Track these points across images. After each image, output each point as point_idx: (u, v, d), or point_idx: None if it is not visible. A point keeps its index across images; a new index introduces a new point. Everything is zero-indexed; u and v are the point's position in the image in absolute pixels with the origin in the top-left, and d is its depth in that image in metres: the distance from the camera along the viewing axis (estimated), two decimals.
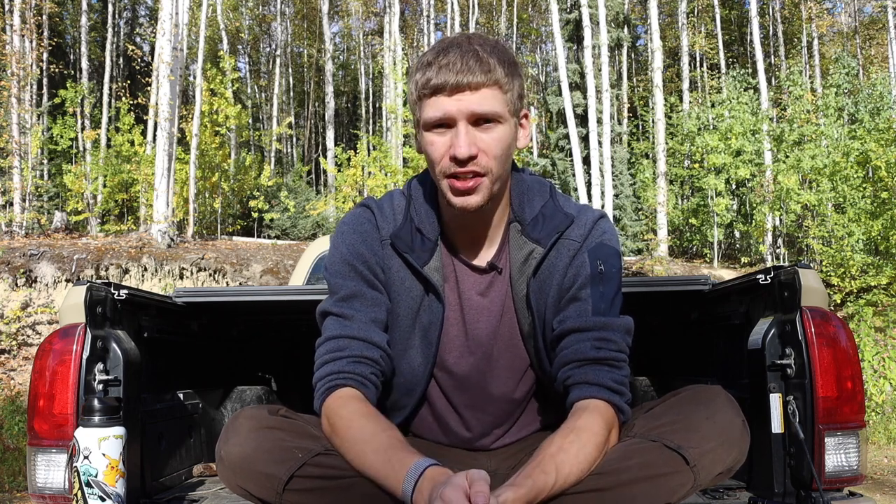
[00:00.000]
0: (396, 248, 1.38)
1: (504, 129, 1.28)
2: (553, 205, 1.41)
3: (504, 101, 1.27)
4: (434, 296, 1.38)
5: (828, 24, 24.47)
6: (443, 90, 1.24)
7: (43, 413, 1.61)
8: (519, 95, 1.31)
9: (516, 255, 1.39)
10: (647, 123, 20.83)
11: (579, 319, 1.31)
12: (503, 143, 1.28)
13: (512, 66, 1.28)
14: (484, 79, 1.24)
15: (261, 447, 1.17)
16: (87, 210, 14.96)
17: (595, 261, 1.35)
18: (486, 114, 1.25)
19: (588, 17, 15.37)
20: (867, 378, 7.78)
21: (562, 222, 1.37)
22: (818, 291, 1.66)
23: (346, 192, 15.63)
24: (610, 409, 1.24)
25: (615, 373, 1.28)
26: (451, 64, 1.24)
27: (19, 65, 14.28)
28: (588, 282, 1.33)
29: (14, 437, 6.16)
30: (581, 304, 1.33)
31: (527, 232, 1.38)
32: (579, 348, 1.30)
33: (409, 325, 1.40)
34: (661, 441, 1.14)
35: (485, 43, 1.28)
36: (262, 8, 27.48)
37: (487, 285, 1.41)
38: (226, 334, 2.48)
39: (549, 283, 1.37)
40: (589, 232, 1.37)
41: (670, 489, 1.14)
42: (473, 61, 1.24)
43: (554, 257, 1.37)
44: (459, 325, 1.42)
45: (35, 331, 8.64)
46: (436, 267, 1.38)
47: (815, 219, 12.96)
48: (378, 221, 1.41)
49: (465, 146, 1.24)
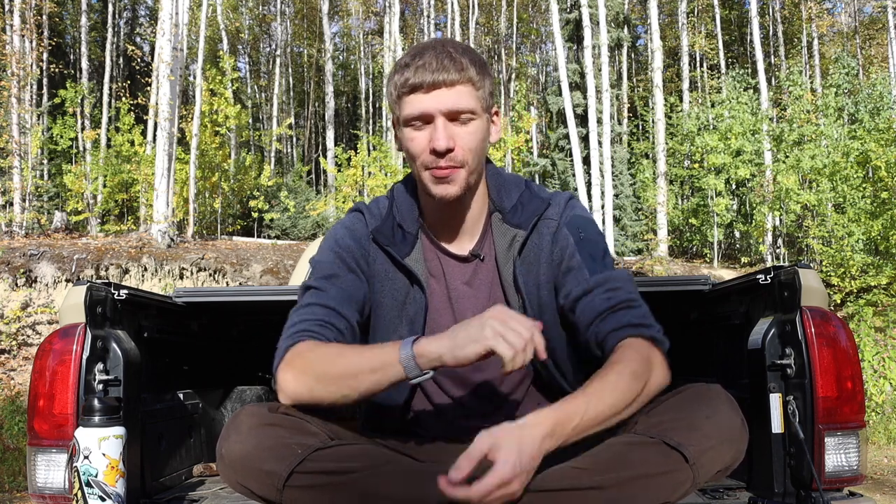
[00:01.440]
0: (378, 241, 1.46)
1: (478, 124, 1.37)
2: (529, 193, 1.51)
3: (477, 98, 1.36)
4: (418, 287, 1.45)
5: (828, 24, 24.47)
6: (420, 88, 1.33)
7: (43, 413, 1.61)
8: (490, 93, 1.40)
9: (500, 241, 1.47)
10: (647, 123, 20.83)
11: (581, 285, 1.39)
12: (478, 136, 1.37)
13: (482, 66, 1.39)
14: (458, 76, 1.33)
15: (261, 444, 1.17)
16: (87, 210, 14.96)
17: (575, 230, 1.45)
18: (461, 109, 1.34)
19: (588, 17, 15.38)
20: (867, 378, 7.78)
21: (539, 206, 1.47)
22: (818, 291, 1.66)
23: (346, 192, 15.64)
24: (642, 341, 1.31)
25: (633, 311, 1.35)
26: (427, 64, 1.33)
27: (19, 65, 14.28)
28: (575, 250, 1.43)
29: (14, 437, 6.16)
30: (577, 272, 1.41)
31: (508, 219, 1.47)
32: (593, 307, 1.37)
33: (395, 317, 1.46)
34: (661, 438, 1.15)
35: (457, 46, 1.39)
36: (262, 8, 27.48)
37: (472, 274, 1.48)
38: (226, 334, 2.48)
39: (536, 263, 1.45)
40: (562, 209, 1.48)
41: (670, 487, 1.14)
42: (448, 61, 1.33)
43: (536, 238, 1.46)
44: (448, 314, 1.47)
45: (35, 331, 8.64)
46: (417, 259, 1.45)
47: (815, 219, 12.96)
48: (367, 220, 1.51)
49: (443, 139, 1.33)
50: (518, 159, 18.93)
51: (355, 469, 1.16)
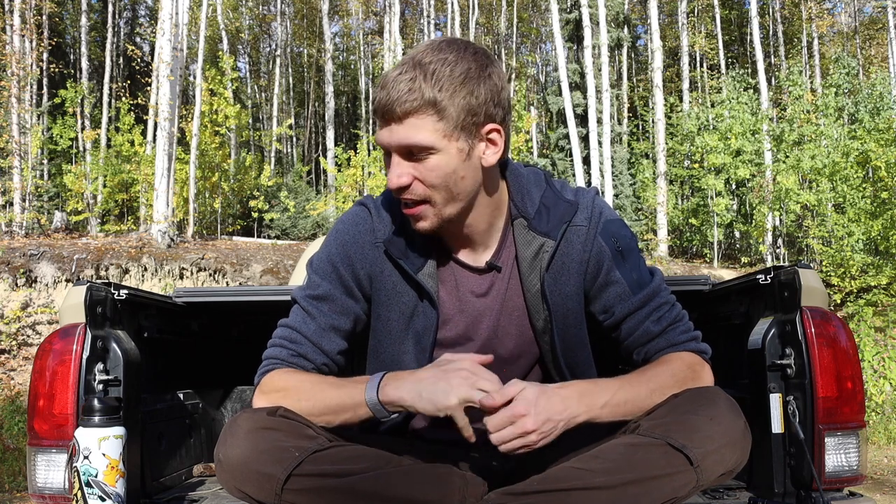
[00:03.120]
0: (390, 254, 1.37)
1: (439, 158, 1.22)
2: (552, 193, 1.39)
3: (437, 129, 1.20)
4: (428, 302, 1.38)
5: (828, 24, 24.47)
6: (379, 116, 1.23)
7: (43, 413, 1.61)
8: (471, 112, 1.21)
9: (525, 250, 1.37)
10: (647, 123, 20.83)
11: (625, 305, 1.37)
12: (439, 171, 1.23)
13: (462, 80, 1.20)
14: (412, 106, 1.19)
15: (258, 448, 1.16)
16: (87, 210, 14.95)
17: (610, 240, 1.37)
18: (412, 146, 1.22)
19: (588, 17, 15.37)
20: (867, 378, 7.78)
21: (566, 211, 1.37)
22: (818, 291, 1.65)
23: (346, 192, 15.63)
24: (686, 353, 1.35)
25: (679, 327, 1.37)
26: (387, 86, 1.21)
27: (19, 65, 14.27)
28: (613, 265, 1.37)
29: (14, 437, 6.16)
30: (617, 288, 1.37)
31: (533, 226, 1.36)
32: (643, 331, 1.36)
33: (401, 330, 1.40)
34: (665, 440, 1.15)
35: (436, 57, 1.20)
36: (262, 8, 27.48)
37: (488, 286, 1.41)
38: (226, 334, 2.48)
39: (565, 273, 1.37)
40: (591, 213, 1.38)
41: (673, 488, 1.14)
42: (404, 85, 1.19)
43: (566, 247, 1.37)
44: (459, 327, 1.42)
45: (35, 331, 8.64)
46: (430, 273, 1.37)
47: (814, 219, 12.96)
48: (374, 223, 1.40)
49: (393, 178, 1.24)
50: (518, 159, 18.93)
51: (354, 471, 1.15)
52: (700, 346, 1.37)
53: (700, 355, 1.36)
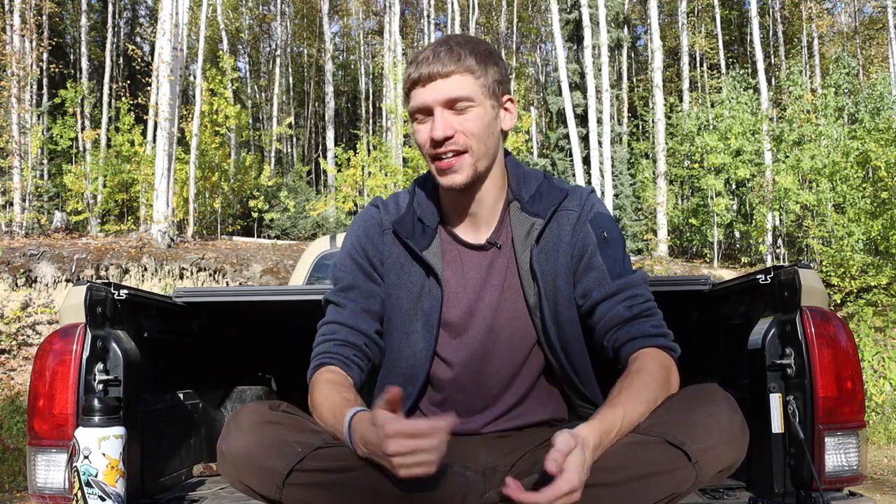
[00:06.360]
0: (398, 234, 1.49)
1: (479, 111, 1.39)
2: (548, 184, 1.53)
3: (476, 86, 1.39)
4: (434, 279, 1.46)
5: (828, 24, 24.46)
6: (419, 82, 1.38)
7: (43, 413, 1.61)
8: (496, 81, 1.42)
9: (518, 230, 1.48)
10: (647, 123, 20.83)
11: (602, 289, 1.42)
12: (479, 122, 1.39)
13: (486, 55, 1.41)
14: (454, 67, 1.37)
15: (262, 441, 1.18)
16: (87, 210, 14.95)
17: (597, 229, 1.47)
18: (457, 97, 1.37)
19: (588, 17, 15.38)
20: (867, 378, 7.78)
21: (557, 196, 1.49)
22: (818, 291, 1.65)
23: (346, 192, 15.63)
24: (659, 351, 1.37)
25: (651, 321, 1.41)
26: (426, 59, 1.38)
27: (19, 65, 14.27)
28: (596, 250, 1.45)
29: (14, 437, 6.16)
30: (597, 273, 1.44)
31: (526, 208, 1.48)
32: (614, 314, 1.41)
33: (410, 309, 1.48)
34: (664, 437, 1.15)
35: (461, 39, 1.42)
36: (262, 8, 27.48)
37: (489, 262, 1.49)
38: (226, 334, 2.48)
39: (554, 252, 1.46)
40: (584, 202, 1.50)
41: (672, 485, 1.15)
42: (444, 53, 1.38)
43: (555, 227, 1.47)
44: (463, 304, 1.48)
45: (35, 331, 8.64)
46: (435, 252, 1.47)
47: (814, 219, 12.95)
48: (382, 215, 1.53)
49: (439, 128, 1.37)
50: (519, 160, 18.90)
51: (355, 468, 1.16)
52: (669, 344, 1.40)
53: (669, 353, 1.38)
